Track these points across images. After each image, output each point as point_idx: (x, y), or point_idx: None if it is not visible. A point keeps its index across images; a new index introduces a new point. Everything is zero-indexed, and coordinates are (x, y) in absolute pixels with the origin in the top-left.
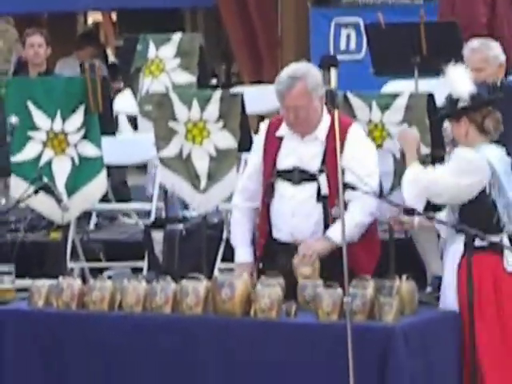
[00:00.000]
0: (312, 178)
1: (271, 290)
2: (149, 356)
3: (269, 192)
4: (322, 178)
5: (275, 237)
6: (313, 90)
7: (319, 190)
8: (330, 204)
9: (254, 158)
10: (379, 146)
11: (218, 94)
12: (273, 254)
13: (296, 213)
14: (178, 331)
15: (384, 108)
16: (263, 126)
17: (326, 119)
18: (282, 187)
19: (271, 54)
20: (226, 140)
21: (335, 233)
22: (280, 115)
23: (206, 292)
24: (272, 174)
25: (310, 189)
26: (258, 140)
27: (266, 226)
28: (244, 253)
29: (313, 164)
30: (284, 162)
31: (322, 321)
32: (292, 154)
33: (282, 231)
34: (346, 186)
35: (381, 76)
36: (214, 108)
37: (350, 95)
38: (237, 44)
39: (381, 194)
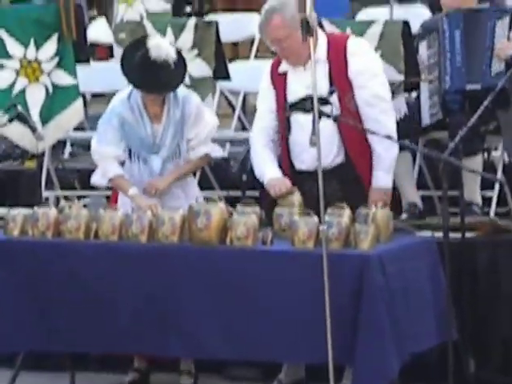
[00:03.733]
0: (324, 101)
1: (247, 218)
2: (125, 285)
3: (286, 126)
4: (334, 99)
5: (298, 169)
6: (293, 19)
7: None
8: (342, 123)
9: (264, 100)
10: None
11: (192, 21)
12: (298, 186)
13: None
14: (154, 260)
15: (359, 35)
16: (267, 67)
17: (322, 40)
18: (298, 118)
19: None
20: (201, 68)
21: (384, 181)
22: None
23: (182, 221)
24: (285, 109)
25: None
26: (264, 83)
27: (287, 161)
28: (274, 170)
29: (322, 87)
30: (294, 94)
31: (297, 248)
32: (300, 85)
33: (304, 161)
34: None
35: (356, 2)
36: (188, 36)
37: (324, 22)
38: None
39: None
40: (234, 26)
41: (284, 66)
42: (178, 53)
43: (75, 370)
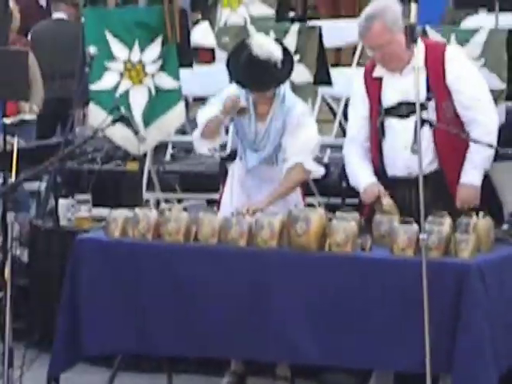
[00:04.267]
0: (421, 107)
1: (346, 224)
2: (223, 288)
3: (380, 131)
4: (431, 106)
5: (390, 175)
6: (393, 24)
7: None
8: (438, 130)
9: (357, 105)
10: None
11: (295, 26)
12: (389, 193)
13: (409, 145)
14: (252, 264)
15: (463, 42)
16: (358, 74)
17: (420, 47)
18: (392, 124)
19: None
20: (303, 74)
21: (474, 177)
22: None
23: (281, 226)
24: (380, 113)
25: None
26: (357, 89)
27: (379, 167)
28: (369, 176)
29: (420, 94)
30: (389, 99)
31: (397, 256)
32: (395, 90)
33: (397, 167)
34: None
35: (460, 9)
36: (291, 41)
37: (428, 29)
38: None
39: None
40: (337, 31)
41: (379, 71)
42: (285, 51)
43: (173, 372)
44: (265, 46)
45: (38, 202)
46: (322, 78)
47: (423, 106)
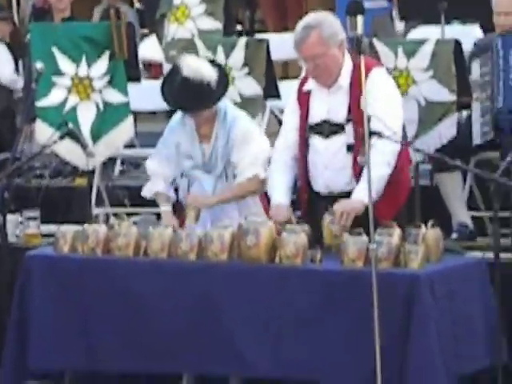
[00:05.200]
0: (341, 128)
1: (296, 236)
2: (173, 302)
3: (304, 147)
4: (349, 128)
5: (315, 190)
6: (329, 37)
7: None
8: (356, 153)
9: (289, 116)
10: (404, 93)
11: (243, 40)
12: (314, 208)
13: (328, 165)
14: (203, 277)
15: (410, 54)
16: (295, 84)
17: (347, 65)
18: (315, 141)
19: (296, 1)
20: (251, 87)
21: (362, 193)
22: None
23: (232, 239)
24: (305, 129)
25: (339, 140)
26: (292, 98)
27: (305, 181)
28: (280, 195)
29: (340, 114)
30: (314, 115)
31: (347, 268)
32: (321, 107)
33: (318, 184)
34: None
35: (407, 22)
36: (239, 54)
37: (375, 42)
38: None
39: (406, 141)
40: (285, 44)
41: (309, 85)
42: (219, 69)
43: None
44: (195, 67)
45: None
46: (271, 91)
47: (343, 128)
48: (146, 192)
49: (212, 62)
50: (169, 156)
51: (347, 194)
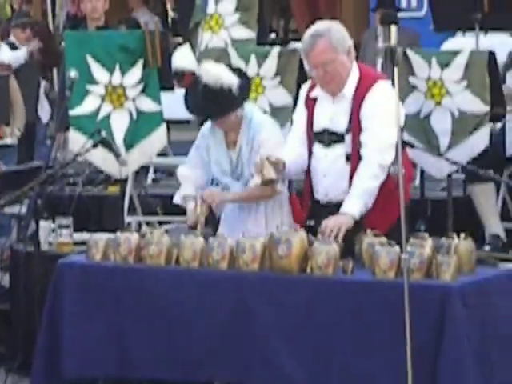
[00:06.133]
0: (341, 138)
1: (328, 247)
2: (205, 311)
3: (308, 154)
4: (349, 138)
5: (316, 198)
6: (337, 44)
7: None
8: (353, 164)
9: (299, 117)
10: (438, 104)
11: (276, 50)
12: (316, 215)
13: (327, 173)
14: (234, 287)
15: (444, 65)
16: (304, 87)
17: (354, 75)
18: (316, 149)
19: (330, 10)
20: (282, 96)
21: (351, 207)
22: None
23: (263, 248)
24: (310, 137)
25: (339, 149)
26: (300, 101)
27: (308, 188)
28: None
29: (341, 124)
30: (318, 123)
31: (378, 278)
32: (324, 116)
33: (318, 192)
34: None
35: (441, 32)
36: (271, 64)
37: (409, 52)
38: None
39: (438, 152)
40: None
41: (316, 92)
42: (241, 74)
43: None
44: (214, 73)
45: (19, 226)
46: None
47: (342, 138)
48: (177, 198)
49: (231, 67)
50: (200, 161)
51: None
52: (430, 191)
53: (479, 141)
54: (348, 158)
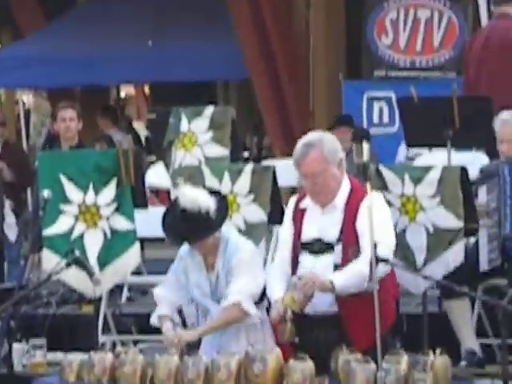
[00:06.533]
0: (331, 248)
1: (304, 364)
2: None
3: (294, 264)
4: (338, 248)
5: (302, 312)
6: (329, 155)
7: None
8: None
9: (285, 231)
10: (412, 219)
11: (249, 167)
12: (303, 328)
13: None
14: None
15: (417, 181)
16: (292, 199)
17: (345, 186)
18: (305, 258)
19: (303, 127)
20: (256, 213)
21: (338, 278)
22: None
23: (238, 366)
24: (297, 247)
25: (328, 259)
26: (288, 214)
27: None
28: (280, 291)
29: (331, 234)
30: (307, 233)
31: None
32: (314, 226)
33: (308, 306)
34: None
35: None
36: (244, 181)
37: (382, 168)
38: (269, 117)
39: (414, 268)
40: (292, 171)
41: (305, 203)
42: (218, 197)
43: None
44: (191, 197)
45: None
46: (276, 217)
47: (332, 248)
48: (154, 319)
49: (210, 190)
50: (176, 284)
51: (331, 317)
52: (406, 306)
53: (455, 256)
54: (336, 268)
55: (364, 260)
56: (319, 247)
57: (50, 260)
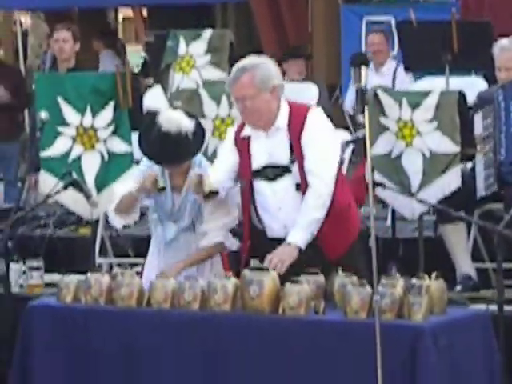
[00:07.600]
0: (286, 170)
1: (300, 287)
2: (176, 353)
3: (249, 193)
4: (295, 168)
5: (269, 236)
6: (261, 81)
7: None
8: (304, 191)
9: (225, 158)
10: (409, 144)
11: None
12: (266, 251)
13: (282, 206)
14: (206, 328)
15: (414, 106)
16: (230, 130)
17: (284, 109)
18: (261, 186)
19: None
20: None
21: (297, 237)
22: None
23: (235, 289)
24: (249, 175)
25: (286, 181)
26: (227, 145)
27: (249, 226)
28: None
29: (283, 156)
30: (256, 161)
31: (350, 319)
32: (262, 152)
33: (274, 230)
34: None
35: (412, 72)
36: None
37: (379, 93)
38: (267, 40)
39: (410, 192)
40: (290, 92)
41: (247, 131)
42: (197, 122)
43: None
44: (174, 119)
45: None
46: None
47: (288, 169)
48: (110, 212)
49: (189, 114)
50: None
51: None
52: (402, 231)
53: (451, 181)
54: (298, 187)
55: (315, 203)
56: (273, 172)
57: (47, 181)
